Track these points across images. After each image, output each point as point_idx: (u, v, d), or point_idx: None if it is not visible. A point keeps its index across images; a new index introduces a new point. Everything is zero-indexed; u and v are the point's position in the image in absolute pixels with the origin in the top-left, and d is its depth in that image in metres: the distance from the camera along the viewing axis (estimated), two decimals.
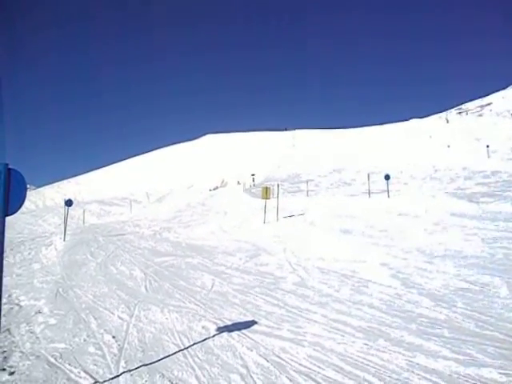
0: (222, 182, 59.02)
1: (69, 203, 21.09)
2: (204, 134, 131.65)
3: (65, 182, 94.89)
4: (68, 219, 21.41)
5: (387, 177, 22.94)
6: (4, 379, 4.88)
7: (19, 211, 4.32)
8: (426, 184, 29.60)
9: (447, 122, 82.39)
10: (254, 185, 45.00)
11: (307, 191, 30.46)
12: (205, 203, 35.23)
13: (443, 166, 38.40)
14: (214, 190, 52.42)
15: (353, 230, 15.27)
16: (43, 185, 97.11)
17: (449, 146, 53.73)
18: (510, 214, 15.07)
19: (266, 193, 20.00)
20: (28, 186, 4.43)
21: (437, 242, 12.27)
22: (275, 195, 21.74)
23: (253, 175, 48.96)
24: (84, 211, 39.72)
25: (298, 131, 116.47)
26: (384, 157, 53.40)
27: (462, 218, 15.13)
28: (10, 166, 4.08)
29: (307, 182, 34.20)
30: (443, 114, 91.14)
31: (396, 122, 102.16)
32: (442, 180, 30.87)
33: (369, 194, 24.87)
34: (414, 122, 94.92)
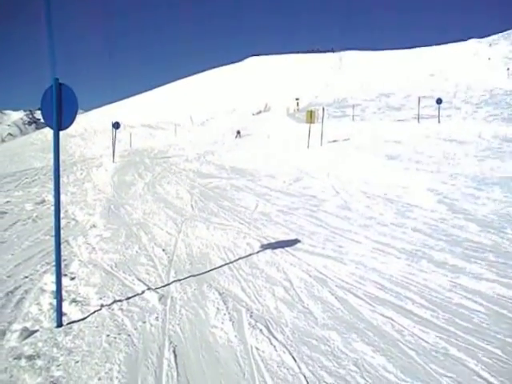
0: (266, 106, 58.00)
1: (116, 126, 21.55)
2: (247, 57, 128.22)
3: (112, 105, 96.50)
4: (116, 142, 21.98)
5: (439, 101, 21.84)
6: (66, 283, 5.29)
7: (69, 134, 4.43)
8: (480, 109, 28.03)
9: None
10: (298, 109, 44.04)
11: (353, 116, 29.62)
12: (248, 127, 35.07)
13: (501, 91, 36.03)
14: (257, 114, 51.83)
15: (399, 156, 14.90)
16: (91, 109, 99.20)
17: (508, 69, 49.98)
18: None
19: (311, 116, 19.60)
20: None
21: (488, 168, 11.83)
22: (320, 120, 21.27)
23: (297, 99, 47.78)
24: (131, 134, 40.59)
25: (345, 53, 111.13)
26: (436, 80, 50.53)
27: None
28: (60, 82, 4.14)
29: (353, 106, 33.13)
30: (505, 35, 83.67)
31: (453, 42, 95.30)
32: (498, 105, 29.10)
33: (418, 119, 23.89)
34: (473, 42, 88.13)
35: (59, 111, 4.01)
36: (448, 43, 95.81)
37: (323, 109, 22.60)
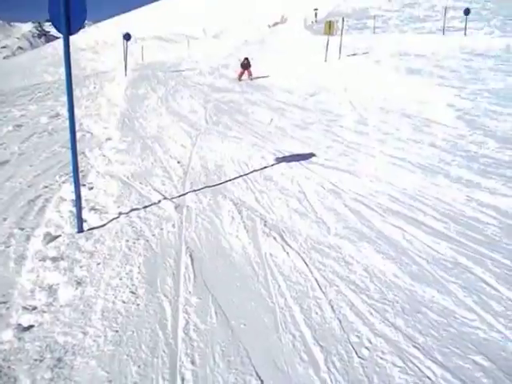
0: (282, 17, 55.06)
1: (127, 37, 20.79)
2: None
3: (122, 16, 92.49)
4: (127, 55, 21.35)
5: (467, 11, 20.43)
6: (85, 193, 5.42)
7: (80, 47, 4.27)
8: (510, 21, 26.26)
9: None
10: (316, 21, 41.79)
11: (374, 28, 28.06)
12: (264, 40, 33.66)
13: None
14: (274, 26, 49.46)
15: (421, 70, 14.26)
16: (100, 19, 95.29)
17: None
18: None
19: (330, 28, 18.59)
20: (86, 21, 4.28)
21: None
22: (339, 32, 20.21)
23: (315, 10, 45.08)
24: (142, 47, 39.33)
25: None
26: None
27: None
28: None
29: (374, 17, 31.21)
30: None
31: None
32: None
33: (443, 31, 22.57)
34: None
35: (67, 16, 3.83)
36: None
37: (343, 19, 21.36)
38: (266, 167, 6.38)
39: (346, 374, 2.61)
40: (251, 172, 6.18)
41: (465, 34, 20.32)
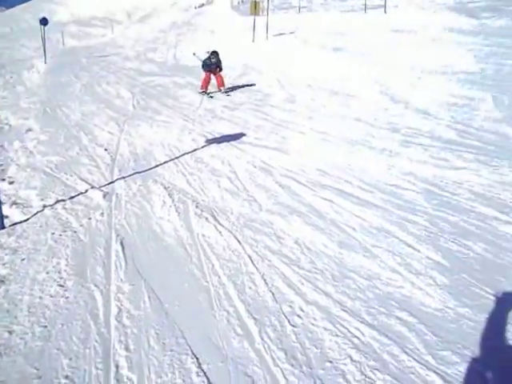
0: None
1: (44, 22, 19.55)
2: None
3: (37, 0, 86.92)
4: (46, 42, 20.14)
5: None
6: (5, 188, 5.11)
7: None
8: None
9: None
10: (242, 1, 41.55)
11: (299, 7, 28.32)
12: (191, 22, 33.02)
13: None
14: (200, 7, 48.51)
15: (345, 48, 14.63)
16: (14, 4, 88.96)
17: None
18: (508, 29, 14.34)
19: (255, 7, 18.55)
20: None
21: (431, 57, 11.89)
22: (265, 12, 20.20)
23: None
24: (62, 33, 37.27)
25: None
26: None
27: (459, 34, 14.43)
28: None
29: None
30: None
31: None
32: None
33: (365, 9, 23.19)
34: None
35: None
36: None
37: None
38: (196, 149, 6.31)
39: (279, 342, 2.69)
40: (182, 155, 6.10)
41: (385, 11, 20.99)
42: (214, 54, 10.26)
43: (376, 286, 3.18)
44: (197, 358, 2.58)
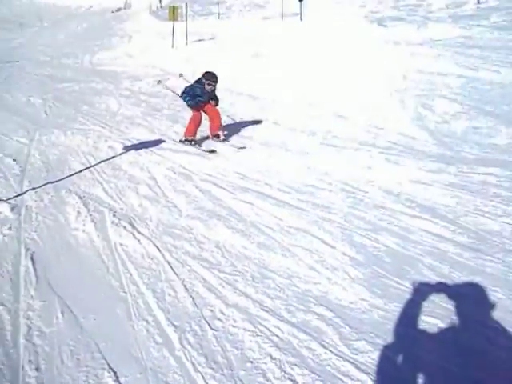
0: (126, 2, 52.80)
1: None
2: None
3: None
4: None
5: None
6: None
7: None
8: (338, 5, 28.74)
9: None
10: (161, 6, 40.94)
11: (218, 14, 28.51)
12: (108, 26, 32.02)
13: None
14: (117, 11, 47.21)
15: (263, 53, 14.91)
16: None
17: None
18: (412, 36, 15.39)
19: (174, 13, 18.39)
20: None
21: (347, 62, 12.45)
22: (184, 18, 20.08)
23: None
24: None
25: None
26: None
27: (371, 40, 15.27)
28: None
29: (218, 3, 31.72)
30: None
31: None
32: (352, 3, 30.08)
33: (282, 16, 23.83)
34: None
35: None
36: None
37: (186, 5, 21.26)
38: (114, 157, 6.12)
39: (200, 347, 2.67)
40: (98, 163, 5.88)
41: (300, 19, 21.71)
42: (214, 78, 6.92)
43: (295, 284, 3.27)
44: (114, 372, 2.49)
